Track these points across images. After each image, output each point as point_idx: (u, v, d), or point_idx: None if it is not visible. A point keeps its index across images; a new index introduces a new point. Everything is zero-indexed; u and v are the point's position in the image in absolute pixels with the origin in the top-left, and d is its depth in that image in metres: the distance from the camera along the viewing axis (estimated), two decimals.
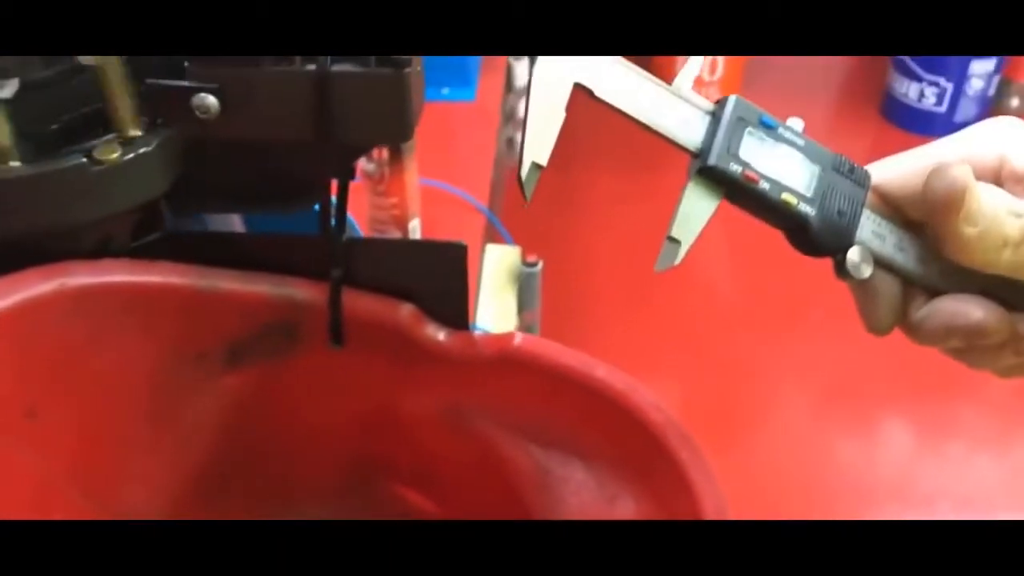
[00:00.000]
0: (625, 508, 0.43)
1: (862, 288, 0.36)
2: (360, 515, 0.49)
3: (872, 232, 0.36)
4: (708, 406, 1.61)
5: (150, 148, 0.37)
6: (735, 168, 0.34)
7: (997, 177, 0.34)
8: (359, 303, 0.42)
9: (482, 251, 1.00)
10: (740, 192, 0.35)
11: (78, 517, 0.38)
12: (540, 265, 0.99)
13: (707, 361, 1.70)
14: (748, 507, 0.49)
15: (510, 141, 1.29)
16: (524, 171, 0.33)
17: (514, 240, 1.05)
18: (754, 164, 0.34)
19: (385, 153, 0.89)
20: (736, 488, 0.43)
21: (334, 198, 0.42)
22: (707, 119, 0.35)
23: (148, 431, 0.41)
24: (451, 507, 0.48)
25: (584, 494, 0.44)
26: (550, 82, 0.34)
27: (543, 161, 0.34)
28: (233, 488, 0.46)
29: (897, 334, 0.38)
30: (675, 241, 0.35)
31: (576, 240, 1.94)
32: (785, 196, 0.35)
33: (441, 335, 0.43)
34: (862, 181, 0.36)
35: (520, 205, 0.36)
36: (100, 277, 0.37)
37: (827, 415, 1.72)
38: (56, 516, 0.37)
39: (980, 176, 0.33)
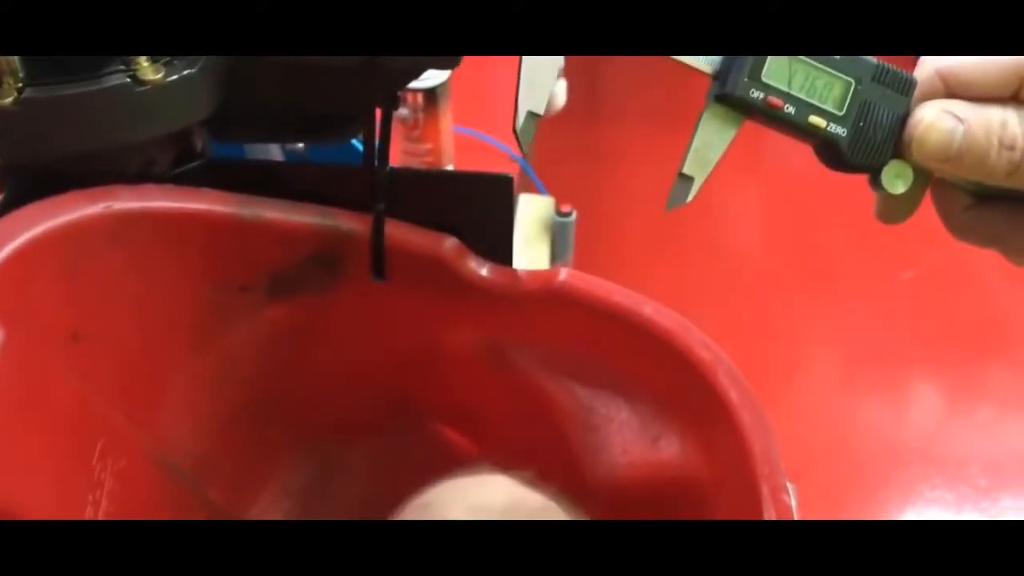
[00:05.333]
0: (669, 448, 0.42)
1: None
2: (402, 454, 0.49)
3: None
4: (737, 366, 1.60)
5: (193, 70, 0.36)
6: (756, 94, 0.32)
7: None
8: (402, 235, 0.41)
9: (516, 201, 0.99)
10: (762, 117, 0.33)
11: (121, 441, 0.38)
12: (574, 215, 0.98)
13: (737, 319, 1.69)
14: None
15: None
16: (520, 122, 0.32)
17: (547, 190, 1.04)
18: (779, 86, 0.32)
19: (420, 98, 0.88)
20: None
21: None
22: None
23: (190, 360, 0.41)
24: (492, 447, 0.48)
25: (627, 433, 0.43)
26: None
27: (540, 110, 0.32)
28: (277, 424, 0.46)
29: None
30: (687, 178, 0.33)
31: (609, 191, 1.92)
32: (813, 119, 0.32)
33: (484, 269, 0.42)
34: (906, 89, 0.33)
35: (554, 155, 0.34)
36: (145, 202, 0.37)
37: (856, 376, 1.71)
38: (98, 439, 0.37)
39: None
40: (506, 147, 1.00)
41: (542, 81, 0.32)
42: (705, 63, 0.32)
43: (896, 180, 0.33)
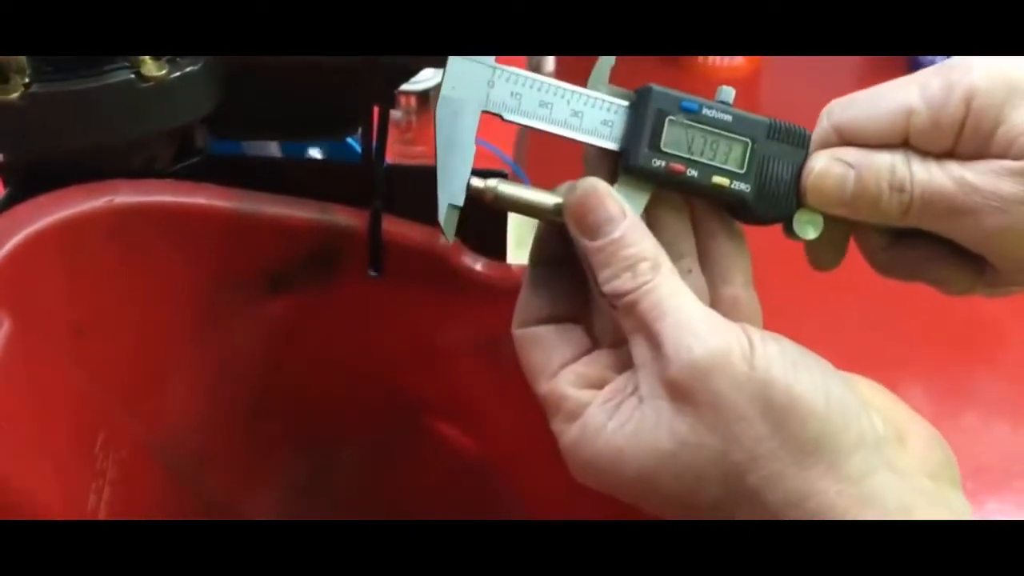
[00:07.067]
0: None
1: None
2: (399, 451, 0.49)
3: None
4: None
5: (196, 67, 0.37)
6: (658, 164, 0.34)
7: (963, 119, 0.32)
8: (399, 231, 0.42)
9: None
10: (669, 183, 0.34)
11: (121, 433, 0.38)
12: None
13: None
14: None
15: None
16: (442, 215, 0.33)
17: None
18: (680, 152, 0.34)
19: (413, 101, 0.89)
20: None
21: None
22: (627, 114, 0.34)
23: (190, 354, 0.41)
24: (488, 443, 0.48)
25: None
26: (455, 115, 0.33)
27: (459, 202, 0.33)
28: (275, 419, 0.46)
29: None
30: None
31: None
32: (716, 179, 0.34)
33: (479, 265, 0.43)
34: (801, 142, 0.35)
35: (545, 158, 0.35)
36: (147, 196, 0.37)
37: None
38: (99, 431, 0.37)
39: (939, 118, 0.32)
40: (498, 150, 1.01)
41: (457, 175, 0.33)
42: (611, 142, 0.34)
43: (807, 227, 0.35)
